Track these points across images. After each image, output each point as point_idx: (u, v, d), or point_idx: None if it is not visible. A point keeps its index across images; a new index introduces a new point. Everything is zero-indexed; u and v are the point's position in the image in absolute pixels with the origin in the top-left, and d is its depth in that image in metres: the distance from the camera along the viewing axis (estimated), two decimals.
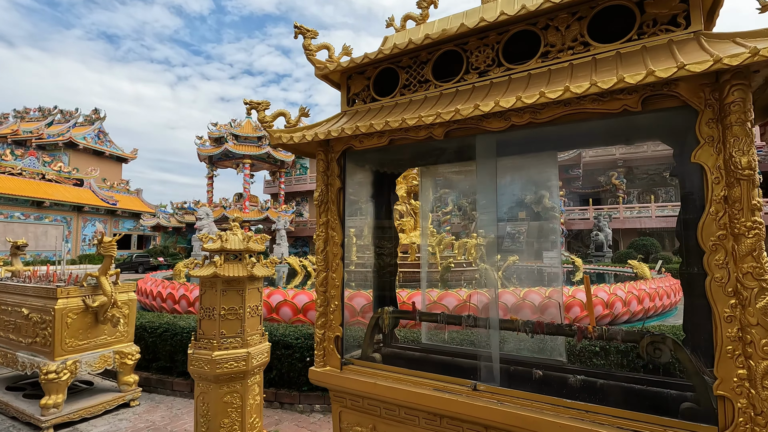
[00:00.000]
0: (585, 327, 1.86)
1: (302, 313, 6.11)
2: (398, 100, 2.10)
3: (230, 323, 3.16)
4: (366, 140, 2.04)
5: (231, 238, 3.29)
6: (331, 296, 2.16)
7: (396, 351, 2.40)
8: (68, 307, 4.00)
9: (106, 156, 43.28)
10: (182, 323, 5.00)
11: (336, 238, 2.15)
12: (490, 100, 1.67)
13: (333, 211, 2.17)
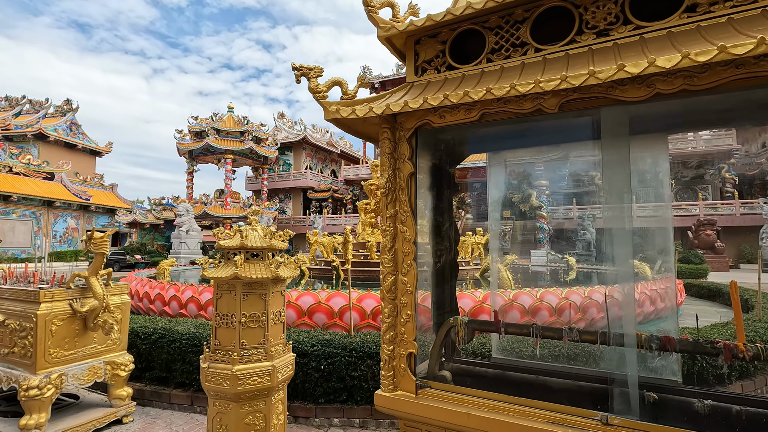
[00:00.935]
0: (733, 344, 1.54)
1: (338, 317, 5.68)
2: (485, 67, 1.74)
3: (252, 332, 2.74)
4: (449, 114, 1.67)
5: (251, 234, 2.87)
6: (402, 304, 1.78)
7: (466, 368, 2.05)
8: (53, 313, 3.48)
9: (79, 149, 41.41)
10: (180, 328, 4.51)
11: (407, 234, 1.78)
12: (629, 61, 1.32)
13: (403, 202, 1.79)
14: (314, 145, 45.30)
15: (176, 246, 30.25)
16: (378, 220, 13.13)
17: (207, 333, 4.32)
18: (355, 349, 3.92)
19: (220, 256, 2.90)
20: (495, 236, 2.50)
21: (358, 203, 13.40)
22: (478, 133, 1.95)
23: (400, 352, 1.78)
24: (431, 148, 2.04)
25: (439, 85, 1.77)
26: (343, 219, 39.14)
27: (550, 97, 1.47)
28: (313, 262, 12.08)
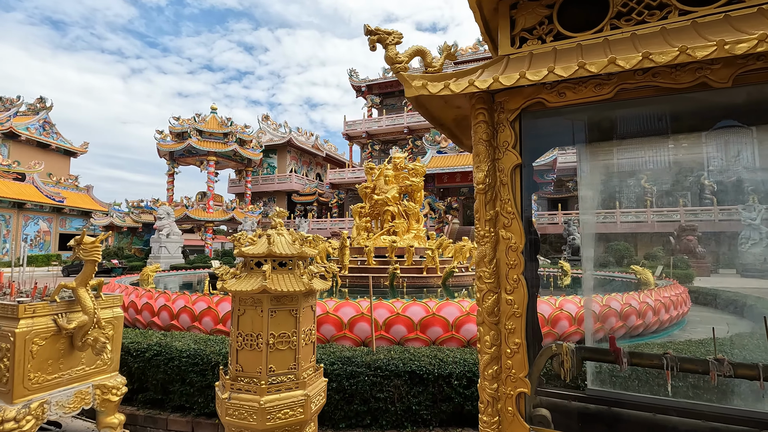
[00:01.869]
0: None
1: (348, 329, 5.24)
2: (609, 35, 1.40)
3: (281, 355, 2.33)
4: (572, 91, 1.33)
5: (278, 239, 2.46)
6: (509, 330, 1.42)
7: (558, 402, 1.69)
8: (34, 331, 2.98)
9: (53, 149, 39.69)
10: (178, 344, 4.03)
11: (512, 241, 1.42)
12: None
13: (505, 201, 1.44)
14: (299, 148, 44.63)
15: (156, 250, 29.17)
16: (373, 224, 12.76)
17: (210, 350, 3.86)
18: (380, 368, 3.54)
19: (241, 266, 2.48)
20: (589, 244, 2.13)
21: (353, 207, 12.99)
22: (599, 115, 1.61)
23: (507, 391, 1.42)
24: (539, 133, 1.68)
25: (546, 58, 1.43)
26: (329, 223, 38.56)
27: (720, 67, 1.15)
28: None
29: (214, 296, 5.98)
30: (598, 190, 2.06)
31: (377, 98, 42.81)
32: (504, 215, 1.45)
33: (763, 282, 11.89)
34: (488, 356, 1.43)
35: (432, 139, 30.73)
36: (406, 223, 12.04)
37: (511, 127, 1.44)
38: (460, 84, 1.38)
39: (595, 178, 1.95)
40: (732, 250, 28.78)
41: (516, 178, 1.45)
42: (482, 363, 1.44)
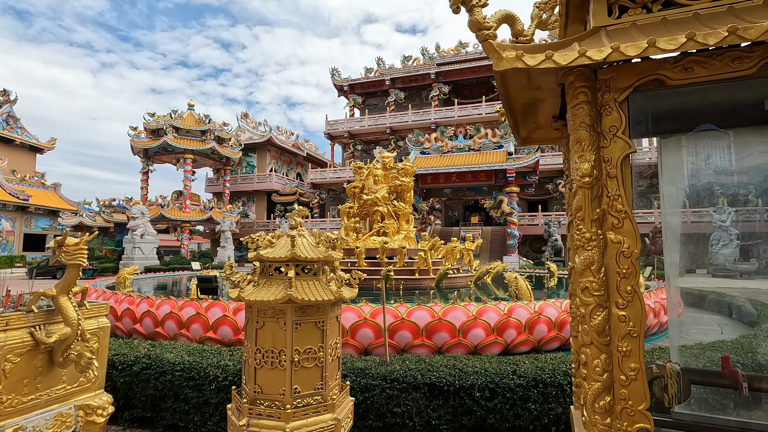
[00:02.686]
0: None
1: (351, 335, 4.95)
2: (735, 3, 1.19)
3: (306, 374, 2.04)
4: (701, 66, 1.11)
5: (300, 241, 2.17)
6: (624, 354, 1.19)
7: None
8: (7, 346, 2.58)
9: (17, 144, 37.66)
10: (170, 356, 3.66)
11: (625, 246, 1.20)
12: None
13: (615, 197, 1.21)
14: (279, 147, 43.84)
15: (129, 251, 28.01)
16: (361, 225, 12.47)
17: (207, 362, 3.51)
18: (397, 380, 3.27)
19: (258, 272, 2.17)
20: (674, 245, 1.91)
21: (341, 207, 12.68)
22: (729, 95, 1.37)
23: (623, 427, 1.18)
24: (641, 120, 1.45)
25: (655, 29, 1.21)
26: (310, 224, 37.95)
27: None
28: None
29: (203, 301, 5.58)
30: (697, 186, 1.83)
31: (359, 98, 42.49)
32: (613, 214, 1.22)
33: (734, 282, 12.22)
34: (599, 385, 1.19)
35: (415, 140, 30.64)
36: (396, 224, 11.81)
37: (619, 109, 1.22)
38: (567, 55, 1.14)
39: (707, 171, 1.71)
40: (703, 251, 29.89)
41: (627, 170, 1.22)
42: (591, 393, 1.20)
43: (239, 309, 5.32)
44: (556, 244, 23.98)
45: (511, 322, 5.12)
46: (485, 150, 28.74)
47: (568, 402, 3.35)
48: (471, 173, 27.00)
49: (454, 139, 30.21)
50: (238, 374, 3.37)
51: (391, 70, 41.83)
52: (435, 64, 40.05)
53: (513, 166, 25.27)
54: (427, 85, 40.34)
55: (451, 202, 38.33)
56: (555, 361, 3.66)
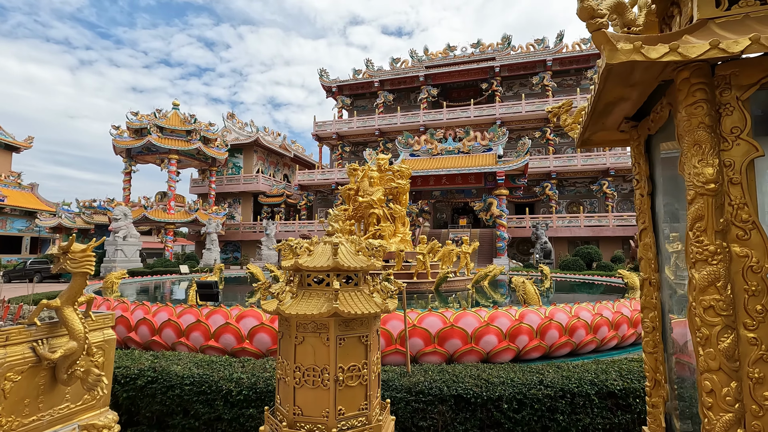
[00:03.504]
0: None
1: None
2: None
3: (351, 393, 1.89)
4: None
5: (341, 249, 2.02)
6: (755, 381, 1.07)
7: None
8: (7, 363, 2.35)
9: None
10: (177, 369, 3.44)
11: (753, 260, 1.08)
12: None
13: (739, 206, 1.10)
14: (266, 147, 43.31)
15: (111, 253, 27.17)
16: (357, 227, 12.30)
17: (219, 375, 3.30)
18: (422, 392, 3.13)
19: (294, 281, 2.01)
20: None
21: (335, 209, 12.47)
22: None
23: None
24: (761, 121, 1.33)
25: None
26: (297, 225, 37.56)
27: None
28: None
29: (203, 308, 5.35)
30: None
31: (348, 99, 42.29)
32: (738, 225, 1.10)
33: None
34: (730, 416, 1.07)
35: (405, 142, 30.61)
36: (393, 227, 11.68)
37: (742, 108, 1.11)
38: (695, 47, 1.03)
39: None
40: None
41: (752, 175, 1.11)
42: (720, 426, 1.08)
43: (242, 316, 5.10)
44: (546, 247, 24.20)
45: (523, 327, 5.04)
46: (474, 153, 28.89)
47: (596, 413, 3.27)
48: (461, 176, 27.07)
49: (444, 141, 30.29)
50: (252, 388, 3.18)
51: (379, 72, 41.77)
52: (424, 67, 40.16)
53: (503, 169, 25.43)
54: (415, 87, 40.41)
55: (440, 204, 38.43)
56: (579, 370, 3.57)
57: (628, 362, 3.85)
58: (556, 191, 34.25)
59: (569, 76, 38.28)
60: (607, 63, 1.08)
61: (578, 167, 33.30)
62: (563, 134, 37.30)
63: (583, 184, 35.91)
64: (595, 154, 33.03)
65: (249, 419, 3.14)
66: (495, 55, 38.35)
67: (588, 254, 21.75)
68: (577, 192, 36.35)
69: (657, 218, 1.55)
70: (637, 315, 6.06)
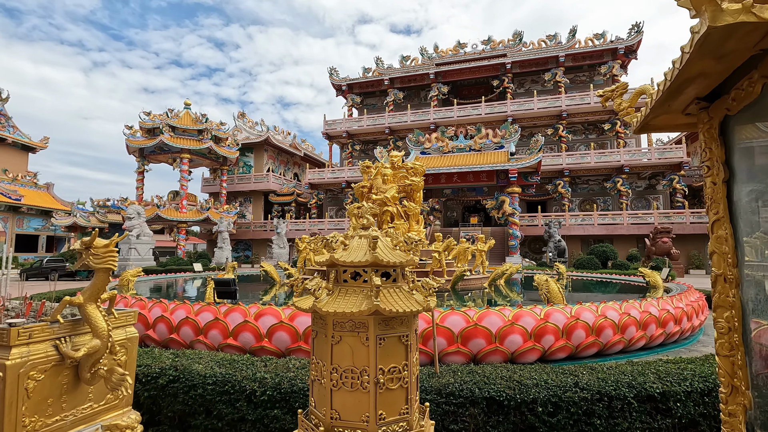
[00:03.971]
0: None
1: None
2: None
3: (391, 396, 1.77)
4: None
5: (379, 243, 1.90)
6: None
7: None
8: (30, 362, 2.27)
9: (9, 143, 36.92)
10: (198, 367, 3.36)
11: None
12: None
13: None
14: (277, 146, 43.45)
15: (125, 252, 27.44)
16: None
17: (242, 375, 3.21)
18: (453, 394, 3.01)
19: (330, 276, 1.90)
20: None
21: (349, 207, 12.38)
22: None
23: None
24: None
25: None
26: (308, 224, 37.60)
27: None
28: (302, 271, 10.90)
29: (220, 306, 5.28)
30: None
31: (358, 98, 42.21)
32: None
33: None
34: None
35: (415, 140, 30.43)
36: (407, 225, 11.54)
37: None
38: None
39: None
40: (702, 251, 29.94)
41: None
42: None
43: (260, 314, 5.02)
44: (560, 245, 23.84)
45: (549, 327, 4.88)
46: (486, 150, 28.60)
47: (635, 417, 3.11)
48: (472, 173, 26.82)
49: (455, 139, 30.04)
50: (277, 388, 3.08)
51: (389, 70, 41.60)
52: (434, 64, 39.89)
53: (515, 167, 25.12)
54: (425, 85, 40.18)
55: (451, 202, 38.17)
56: (614, 371, 3.42)
57: (665, 364, 3.68)
58: (569, 189, 33.77)
59: (582, 72, 37.75)
60: (709, 26, 0.95)
61: (592, 164, 32.79)
62: (576, 131, 36.79)
63: (596, 181, 35.38)
64: (609, 151, 32.52)
65: (273, 420, 3.04)
66: (506, 52, 37.94)
67: (603, 253, 21.37)
68: (590, 190, 35.84)
69: (735, 208, 1.41)
70: (665, 315, 5.86)
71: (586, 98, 33.62)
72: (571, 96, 34.08)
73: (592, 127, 36.54)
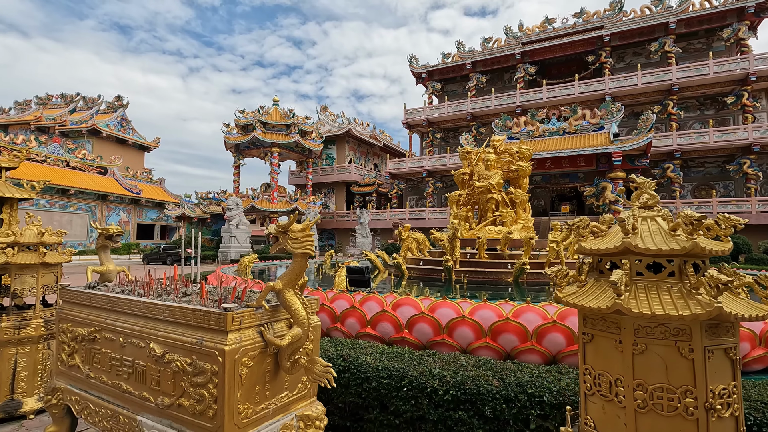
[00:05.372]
0: None
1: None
2: None
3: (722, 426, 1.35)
4: None
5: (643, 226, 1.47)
6: None
7: None
8: (243, 348, 2.23)
9: (129, 144, 41.95)
10: (368, 358, 3.21)
11: None
12: None
13: None
14: (357, 138, 44.24)
15: (226, 240, 29.86)
16: (473, 213, 11.68)
17: (417, 370, 2.99)
18: None
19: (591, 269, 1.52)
20: None
21: (449, 195, 11.97)
22: None
23: None
24: None
25: None
26: (389, 214, 37.85)
27: None
28: (403, 260, 10.76)
29: (355, 294, 5.21)
30: None
31: (438, 84, 41.27)
32: None
33: None
34: None
35: (502, 125, 28.95)
36: (513, 213, 10.85)
37: None
38: None
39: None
40: None
41: None
42: None
43: (398, 305, 4.85)
44: None
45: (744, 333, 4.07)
46: (583, 133, 26.30)
47: None
48: (568, 158, 24.85)
49: (546, 122, 28.05)
50: (460, 388, 2.81)
51: (471, 54, 40.02)
52: (520, 44, 37.54)
53: (620, 149, 22.74)
54: (510, 66, 38.05)
55: (539, 190, 35.89)
56: None
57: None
58: (680, 173, 29.88)
59: (697, 39, 32.99)
60: None
61: (709, 144, 28.63)
62: (688, 107, 32.32)
63: (714, 164, 30.89)
64: (733, 128, 28.13)
65: (458, 423, 2.78)
66: (603, 23, 34.41)
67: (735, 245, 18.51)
68: (707, 173, 31.38)
69: None
70: None
71: (703, 68, 29.31)
72: (684, 67, 29.96)
73: (709, 101, 31.87)
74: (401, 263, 9.56)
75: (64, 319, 3.08)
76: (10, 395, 3.81)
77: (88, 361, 2.87)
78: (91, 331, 2.83)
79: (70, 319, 3.04)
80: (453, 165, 36.34)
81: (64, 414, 3.07)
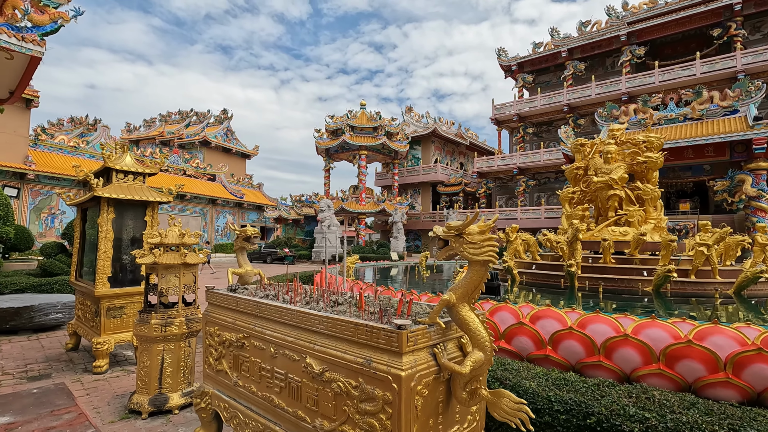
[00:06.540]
0: None
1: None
2: None
3: None
4: None
5: None
6: None
7: None
8: (418, 373, 1.87)
9: (233, 153, 45.95)
10: (532, 384, 2.69)
11: None
12: None
13: None
14: (443, 137, 43.46)
15: (319, 240, 31.10)
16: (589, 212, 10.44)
17: (607, 409, 2.40)
18: None
19: None
20: None
21: (561, 192, 10.86)
22: None
23: None
24: None
25: None
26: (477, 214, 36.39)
27: None
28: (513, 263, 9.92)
29: (482, 302, 4.70)
30: None
31: (529, 76, 38.89)
32: None
33: None
34: None
35: (608, 114, 26.17)
36: (641, 212, 9.44)
37: None
38: None
39: None
40: None
41: None
42: None
43: (537, 317, 4.24)
44: None
45: None
46: (711, 118, 22.68)
47: None
48: (692, 148, 21.58)
49: (661, 108, 24.71)
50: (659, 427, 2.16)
51: (567, 40, 37.05)
52: (625, 24, 33.78)
53: (764, 134, 19.11)
54: (613, 50, 34.43)
55: None
56: None
57: None
58: None
59: None
60: None
61: None
62: None
63: None
64: None
65: None
66: None
67: None
68: None
69: None
70: None
71: None
72: None
73: None
74: (512, 267, 8.80)
75: (211, 322, 3.04)
76: (159, 389, 3.97)
77: (236, 368, 2.76)
78: (239, 338, 2.72)
79: (216, 322, 2.98)
80: (548, 161, 33.88)
81: (211, 419, 3.03)
